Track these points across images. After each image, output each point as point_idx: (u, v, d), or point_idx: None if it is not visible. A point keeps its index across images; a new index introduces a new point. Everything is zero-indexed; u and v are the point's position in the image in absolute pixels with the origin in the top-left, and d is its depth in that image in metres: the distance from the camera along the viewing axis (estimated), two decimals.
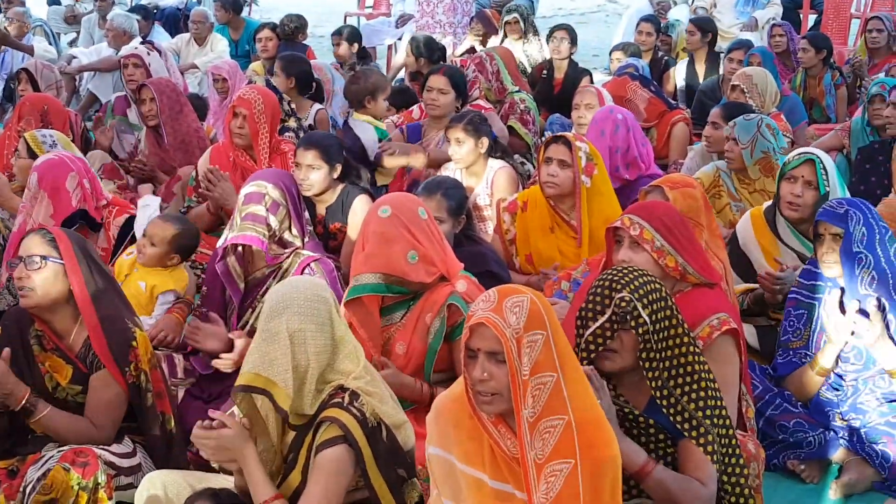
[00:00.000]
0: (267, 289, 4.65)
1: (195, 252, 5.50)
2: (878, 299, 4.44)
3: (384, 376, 3.77)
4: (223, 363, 4.42)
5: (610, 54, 10.26)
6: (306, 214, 4.98)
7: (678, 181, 4.83)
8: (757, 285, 5.18)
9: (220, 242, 4.82)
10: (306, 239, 4.85)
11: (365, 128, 7.24)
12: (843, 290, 4.49)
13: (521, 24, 10.52)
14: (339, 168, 5.82)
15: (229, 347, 4.45)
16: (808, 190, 5.19)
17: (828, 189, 5.18)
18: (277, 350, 3.32)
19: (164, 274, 5.18)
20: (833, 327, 4.48)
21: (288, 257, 4.74)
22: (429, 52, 9.33)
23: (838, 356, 4.54)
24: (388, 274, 4.17)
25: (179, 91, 7.45)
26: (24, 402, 3.90)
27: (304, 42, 10.79)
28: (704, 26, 10.39)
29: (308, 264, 4.68)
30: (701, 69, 10.23)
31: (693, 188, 4.71)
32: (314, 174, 5.73)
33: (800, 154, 5.31)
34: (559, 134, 5.60)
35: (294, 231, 4.76)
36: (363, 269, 4.18)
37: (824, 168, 5.20)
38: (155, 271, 5.17)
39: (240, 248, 4.78)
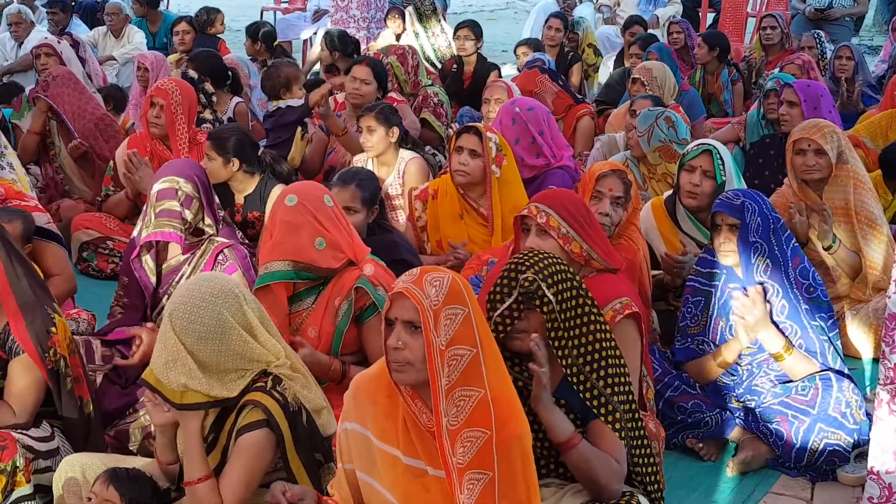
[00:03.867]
0: (182, 276, 4.62)
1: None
2: (762, 284, 4.53)
3: (301, 356, 3.78)
4: (130, 362, 4.37)
5: (515, 49, 10.28)
6: (216, 199, 4.92)
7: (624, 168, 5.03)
8: (658, 271, 5.25)
9: (134, 233, 4.76)
10: (220, 226, 4.81)
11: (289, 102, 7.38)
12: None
13: (414, 16, 10.44)
14: (235, 162, 5.82)
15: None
16: (705, 179, 5.26)
17: (724, 178, 5.25)
18: (167, 350, 3.31)
19: None
20: (742, 327, 4.54)
21: (202, 244, 4.69)
22: (343, 45, 9.32)
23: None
24: (297, 261, 4.15)
25: (76, 80, 7.31)
26: None
27: (218, 35, 10.70)
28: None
29: (221, 250, 4.65)
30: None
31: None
32: (210, 164, 5.76)
33: (698, 145, 5.38)
34: (471, 124, 5.62)
35: (208, 220, 4.73)
36: (272, 256, 4.16)
37: (721, 159, 5.26)
38: None
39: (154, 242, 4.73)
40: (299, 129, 7.44)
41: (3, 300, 3.86)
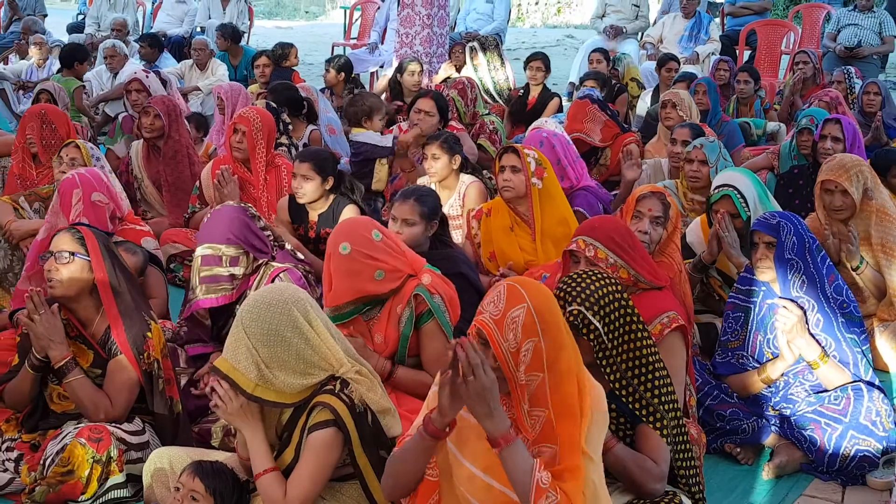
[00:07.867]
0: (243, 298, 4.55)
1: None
2: (798, 299, 4.49)
3: (354, 346, 3.75)
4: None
5: (582, 82, 10.23)
6: (257, 223, 4.75)
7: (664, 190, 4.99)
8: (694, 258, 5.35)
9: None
10: (274, 253, 4.76)
11: (369, 136, 7.40)
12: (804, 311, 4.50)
13: (478, 51, 10.53)
14: (330, 180, 5.85)
15: None
16: (732, 220, 5.29)
17: (749, 214, 5.25)
18: (239, 345, 3.29)
19: None
20: (786, 347, 4.51)
21: (259, 270, 4.64)
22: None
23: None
24: (361, 297, 4.15)
25: (178, 109, 7.40)
26: (64, 360, 3.91)
27: (293, 68, 10.80)
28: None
29: (277, 275, 4.59)
30: None
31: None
32: (308, 184, 5.80)
33: (717, 189, 5.39)
34: (508, 144, 5.65)
35: (260, 259, 4.64)
36: (336, 301, 4.13)
37: (742, 197, 5.28)
38: None
39: None
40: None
41: (107, 307, 3.99)
